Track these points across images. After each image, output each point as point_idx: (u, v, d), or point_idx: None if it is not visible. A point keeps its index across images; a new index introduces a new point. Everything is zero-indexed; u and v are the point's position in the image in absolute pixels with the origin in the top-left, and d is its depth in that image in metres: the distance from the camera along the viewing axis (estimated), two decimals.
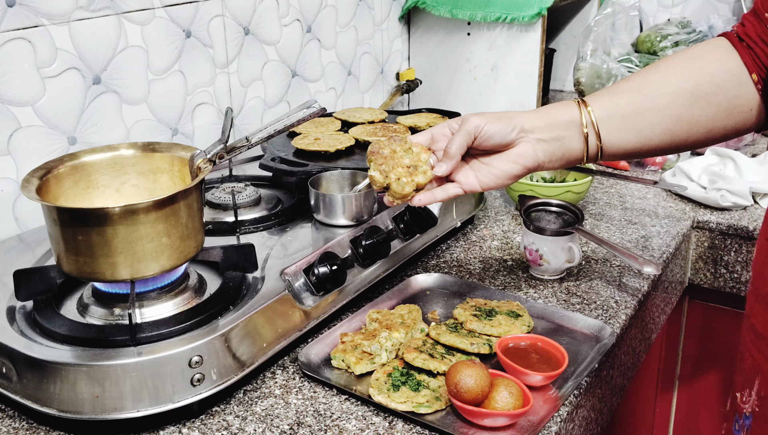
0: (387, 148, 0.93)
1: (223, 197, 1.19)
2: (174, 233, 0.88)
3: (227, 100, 1.53)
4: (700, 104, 0.91)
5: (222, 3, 1.46)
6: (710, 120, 0.91)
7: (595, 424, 1.05)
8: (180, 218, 0.88)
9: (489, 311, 1.07)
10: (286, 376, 0.97)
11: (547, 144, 0.93)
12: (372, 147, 0.93)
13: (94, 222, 0.84)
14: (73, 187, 0.96)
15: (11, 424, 0.88)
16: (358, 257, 1.10)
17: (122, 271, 0.86)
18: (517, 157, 0.93)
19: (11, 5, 1.12)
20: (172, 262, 0.89)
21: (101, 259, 0.85)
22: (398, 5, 2.00)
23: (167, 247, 0.87)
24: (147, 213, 0.84)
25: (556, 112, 0.94)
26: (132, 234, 0.84)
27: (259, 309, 0.93)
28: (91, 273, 0.87)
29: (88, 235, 0.84)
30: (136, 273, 0.87)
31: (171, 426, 0.88)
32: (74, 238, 0.85)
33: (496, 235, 1.38)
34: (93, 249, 0.85)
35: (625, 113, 0.92)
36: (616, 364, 1.10)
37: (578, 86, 1.97)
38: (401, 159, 0.92)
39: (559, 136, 0.93)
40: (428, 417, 0.88)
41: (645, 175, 1.65)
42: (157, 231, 0.86)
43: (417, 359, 0.94)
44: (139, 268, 0.87)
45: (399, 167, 0.91)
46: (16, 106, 1.16)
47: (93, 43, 1.24)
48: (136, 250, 0.85)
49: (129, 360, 0.83)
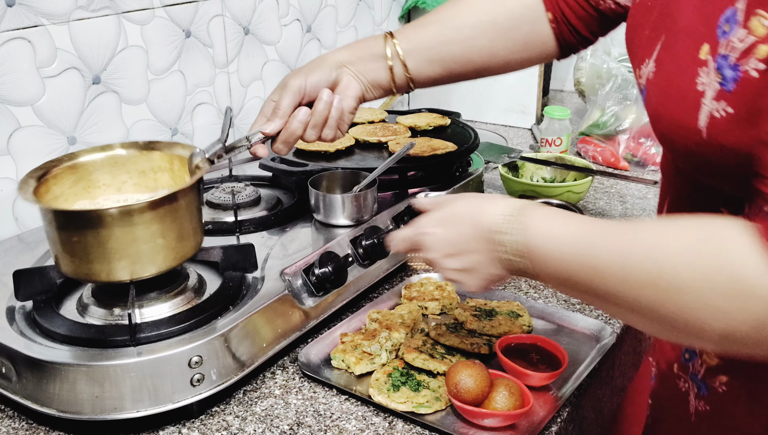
0: None
1: (223, 197, 1.19)
2: (170, 234, 0.87)
3: (227, 100, 1.53)
4: (498, 37, 0.99)
5: (222, 3, 1.46)
6: (508, 52, 1.00)
7: (595, 424, 1.05)
8: (177, 219, 0.87)
9: (489, 311, 1.07)
10: (286, 376, 0.97)
11: (361, 76, 1.00)
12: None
13: (89, 224, 0.83)
14: (73, 187, 0.96)
15: (11, 425, 0.88)
16: (358, 257, 1.10)
17: (119, 273, 0.86)
18: (345, 90, 0.99)
19: (11, 5, 1.12)
20: (169, 263, 0.89)
21: (97, 261, 0.85)
22: (398, 5, 2.00)
23: (163, 247, 0.87)
24: (142, 214, 0.84)
25: (365, 45, 1.01)
26: (127, 235, 0.84)
27: (258, 309, 0.93)
28: (89, 274, 0.87)
29: (84, 236, 0.84)
30: (133, 274, 0.86)
31: (171, 426, 0.88)
32: (70, 239, 0.84)
33: None
34: (89, 250, 0.84)
35: (430, 45, 1.00)
36: (616, 364, 1.10)
37: (578, 86, 1.97)
38: None
39: (370, 69, 1.00)
40: (428, 417, 0.88)
41: (645, 175, 1.65)
42: (153, 232, 0.85)
43: (417, 359, 0.94)
44: (135, 269, 0.86)
45: None
46: (16, 106, 1.16)
47: (93, 43, 1.24)
48: (132, 252, 0.85)
49: (129, 360, 0.83)
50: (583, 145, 1.75)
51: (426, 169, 1.32)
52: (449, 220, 0.80)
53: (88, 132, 1.27)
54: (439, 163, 1.31)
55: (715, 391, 0.78)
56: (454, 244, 0.78)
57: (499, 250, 0.74)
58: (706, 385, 0.79)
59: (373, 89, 1.02)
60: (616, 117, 1.72)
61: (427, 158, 1.29)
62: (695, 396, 0.81)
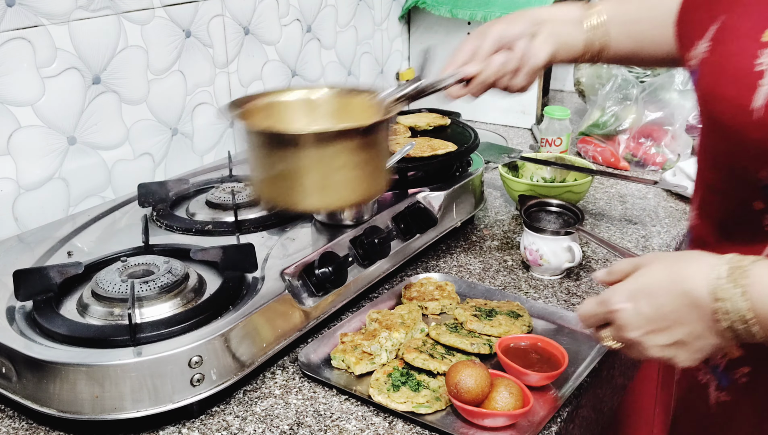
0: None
1: (223, 197, 1.19)
2: (366, 167, 0.89)
3: (227, 100, 1.53)
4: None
5: (222, 3, 1.46)
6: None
7: (595, 424, 1.05)
8: (370, 152, 0.89)
9: (489, 311, 1.07)
10: (286, 376, 0.97)
11: (557, 36, 0.99)
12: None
13: (290, 146, 0.85)
14: (264, 122, 0.97)
15: (11, 425, 0.88)
16: (358, 257, 1.10)
17: (312, 200, 0.88)
18: (540, 46, 0.99)
19: (11, 5, 1.12)
20: (358, 196, 0.91)
21: (293, 186, 0.87)
22: (398, 5, 2.00)
23: (356, 179, 0.88)
24: (339, 140, 0.85)
25: (567, 10, 1.01)
26: (324, 162, 0.85)
27: (258, 309, 0.93)
28: (283, 200, 0.89)
29: (283, 159, 0.86)
30: (324, 203, 0.90)
31: (171, 426, 0.88)
32: (269, 162, 0.87)
33: (496, 235, 1.37)
34: (286, 175, 0.86)
35: (632, 20, 0.98)
36: (616, 364, 1.10)
37: (578, 86, 1.97)
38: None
39: (566, 32, 0.99)
40: (428, 417, 0.88)
41: (645, 175, 1.65)
42: (348, 162, 0.87)
43: (417, 359, 0.94)
44: (327, 198, 0.88)
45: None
46: (16, 106, 1.16)
47: (93, 43, 1.24)
48: (328, 180, 0.86)
49: (129, 360, 0.82)
50: (583, 145, 1.75)
51: (426, 169, 1.32)
52: (643, 292, 0.72)
53: (88, 132, 1.27)
54: (439, 163, 1.31)
55: (736, 383, 0.79)
56: (655, 320, 0.71)
57: (718, 319, 0.67)
58: (727, 376, 0.80)
59: (565, 52, 1.02)
60: (616, 117, 1.72)
61: (427, 158, 1.29)
62: (715, 388, 0.82)
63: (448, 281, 1.17)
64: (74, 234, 1.13)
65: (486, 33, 0.99)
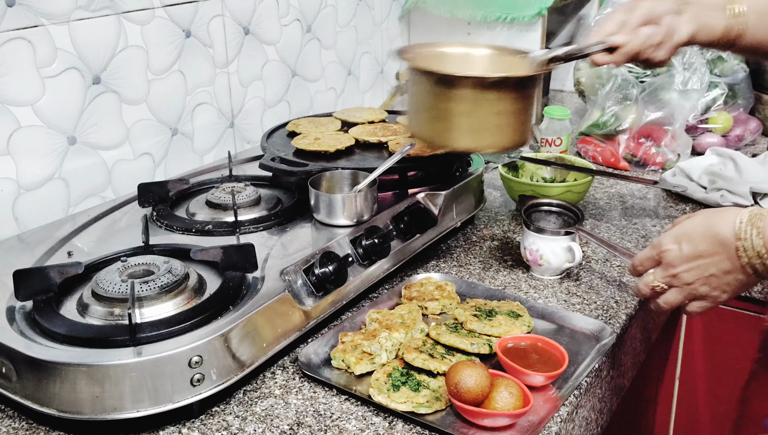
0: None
1: (223, 197, 1.19)
2: (517, 115, 0.98)
3: (227, 100, 1.53)
4: None
5: (222, 3, 1.46)
6: None
7: (595, 424, 1.05)
8: (523, 103, 0.98)
9: (489, 311, 1.07)
10: (286, 376, 0.97)
11: (699, 18, 1.07)
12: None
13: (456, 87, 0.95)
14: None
15: (11, 424, 0.88)
16: (358, 257, 1.10)
17: (467, 141, 0.98)
18: (682, 25, 1.06)
19: (11, 5, 1.12)
20: (506, 143, 1.00)
21: (450, 126, 0.96)
22: (398, 5, 2.00)
23: (507, 126, 0.98)
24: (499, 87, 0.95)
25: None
26: (484, 105, 0.94)
27: (258, 309, 0.93)
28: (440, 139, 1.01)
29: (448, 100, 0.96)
30: (476, 144, 0.99)
31: (171, 426, 0.88)
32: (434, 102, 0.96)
33: (496, 235, 1.37)
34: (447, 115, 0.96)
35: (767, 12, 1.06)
36: (616, 364, 1.10)
37: (578, 86, 1.97)
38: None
39: (709, 15, 1.07)
40: (428, 417, 0.88)
41: (645, 175, 1.65)
42: (504, 109, 0.96)
43: (417, 359, 0.94)
44: (480, 140, 0.98)
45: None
46: (16, 106, 1.16)
47: (93, 43, 1.24)
48: (483, 123, 0.95)
49: (129, 360, 0.82)
50: (583, 145, 1.75)
51: (426, 169, 1.32)
52: (685, 235, 0.90)
53: (88, 132, 1.27)
54: (439, 163, 1.31)
55: None
56: (693, 257, 0.88)
57: (740, 256, 0.84)
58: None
59: (705, 34, 1.08)
60: (616, 117, 1.72)
61: (427, 158, 1.29)
62: None
63: (448, 281, 1.17)
64: (74, 234, 1.13)
65: (635, 7, 1.07)
